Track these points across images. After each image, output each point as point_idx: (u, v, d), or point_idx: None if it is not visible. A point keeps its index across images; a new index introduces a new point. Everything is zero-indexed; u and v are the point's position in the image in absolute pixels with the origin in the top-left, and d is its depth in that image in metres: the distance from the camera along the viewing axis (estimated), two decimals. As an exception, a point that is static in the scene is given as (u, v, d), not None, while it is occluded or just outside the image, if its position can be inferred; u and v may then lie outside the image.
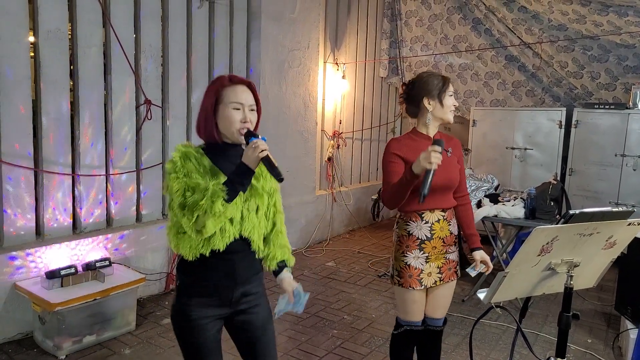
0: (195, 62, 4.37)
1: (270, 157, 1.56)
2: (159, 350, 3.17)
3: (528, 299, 1.73)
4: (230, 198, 1.53)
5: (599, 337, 3.54)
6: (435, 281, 2.22)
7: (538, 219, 3.99)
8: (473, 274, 2.30)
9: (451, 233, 2.25)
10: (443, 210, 2.21)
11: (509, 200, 4.29)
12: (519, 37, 5.96)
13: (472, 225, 2.34)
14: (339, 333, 3.51)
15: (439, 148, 1.85)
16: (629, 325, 3.20)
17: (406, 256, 2.19)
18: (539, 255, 1.49)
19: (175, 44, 4.18)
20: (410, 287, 2.18)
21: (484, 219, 4.13)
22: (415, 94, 2.17)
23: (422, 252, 2.18)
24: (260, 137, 1.60)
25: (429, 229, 2.18)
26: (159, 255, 4.09)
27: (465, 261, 2.32)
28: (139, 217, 4.09)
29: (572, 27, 5.56)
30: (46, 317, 3.04)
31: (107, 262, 3.41)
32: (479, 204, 4.27)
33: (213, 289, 1.67)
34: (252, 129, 1.65)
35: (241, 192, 1.61)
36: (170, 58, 4.16)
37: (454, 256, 2.28)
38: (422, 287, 2.19)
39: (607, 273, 1.74)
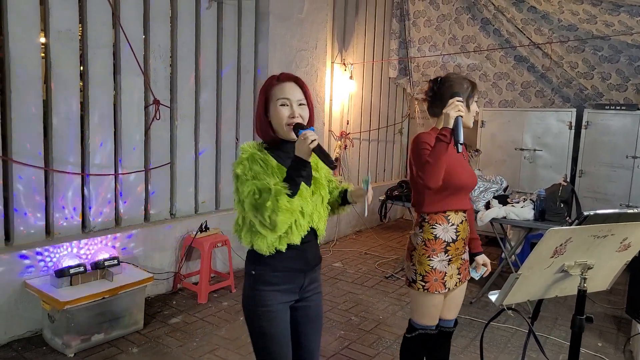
0: (203, 63, 4.38)
1: (321, 146, 1.61)
2: (167, 349, 3.17)
3: (540, 301, 1.71)
4: (293, 192, 1.59)
5: (610, 340, 3.51)
6: (456, 283, 2.20)
7: (547, 221, 3.95)
8: (477, 277, 2.32)
9: (468, 233, 2.27)
10: (464, 211, 2.21)
11: (518, 202, 4.26)
12: (529, 38, 5.91)
13: (474, 229, 2.36)
14: (346, 334, 3.50)
15: (460, 97, 1.96)
16: (640, 328, 3.17)
17: (432, 260, 2.14)
18: (552, 257, 1.47)
19: (184, 45, 4.19)
20: (436, 291, 2.15)
21: (492, 220, 4.10)
22: (443, 94, 2.13)
23: (446, 254, 2.16)
24: (309, 128, 1.65)
25: (455, 230, 2.16)
26: (166, 254, 4.10)
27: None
28: (147, 217, 4.11)
29: (583, 27, 5.51)
30: (55, 315, 3.05)
31: (115, 261, 3.42)
32: (488, 206, 4.24)
33: (287, 277, 1.74)
34: (303, 123, 1.70)
35: (307, 186, 1.70)
36: (179, 58, 4.17)
37: (466, 256, 2.28)
38: (446, 289, 2.16)
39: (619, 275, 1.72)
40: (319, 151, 1.61)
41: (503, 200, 4.28)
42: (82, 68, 3.57)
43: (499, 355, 3.23)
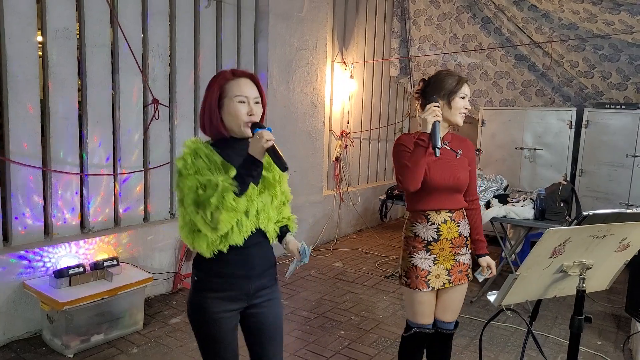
0: (202, 62, 4.37)
1: (276, 146, 1.56)
2: (167, 349, 3.17)
3: (539, 301, 1.70)
4: (241, 191, 1.54)
5: (609, 339, 3.50)
6: (444, 283, 2.19)
7: (547, 220, 3.94)
8: (481, 279, 2.30)
9: (460, 234, 2.21)
10: (450, 211, 2.18)
11: (518, 201, 4.25)
12: (529, 36, 5.90)
13: (480, 230, 2.30)
14: (346, 334, 3.49)
15: (436, 103, 2.01)
16: (640, 327, 3.16)
17: (413, 257, 2.18)
18: (551, 257, 1.46)
19: (183, 44, 4.18)
20: (416, 288, 2.16)
21: (492, 219, 4.09)
22: (428, 91, 2.16)
23: (429, 253, 2.16)
24: (266, 127, 1.60)
25: (435, 230, 2.16)
26: (166, 254, 4.09)
27: (474, 264, 2.32)
28: (146, 217, 4.10)
29: (583, 26, 5.49)
30: (54, 316, 3.05)
31: (114, 262, 3.41)
32: (488, 205, 4.23)
33: (230, 283, 1.68)
34: (257, 121, 1.66)
35: (255, 186, 1.63)
36: (178, 57, 4.16)
37: (465, 259, 2.24)
38: (429, 289, 2.16)
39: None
40: (272, 152, 1.56)
41: (503, 199, 4.27)
42: (80, 67, 3.56)
43: (499, 355, 3.22)
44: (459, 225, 2.20)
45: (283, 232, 1.84)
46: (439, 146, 1.93)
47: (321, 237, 5.82)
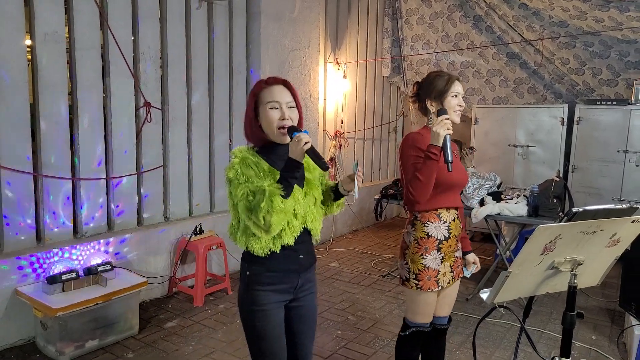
0: (194, 64, 4.36)
1: (314, 148, 1.65)
2: (163, 354, 3.15)
3: (532, 298, 1.71)
4: (286, 193, 1.63)
5: (604, 333, 3.52)
6: (449, 280, 2.21)
7: (541, 217, 3.96)
8: (468, 274, 2.36)
9: (461, 230, 2.28)
10: (456, 209, 2.22)
11: (511, 198, 4.26)
12: (520, 34, 5.92)
13: (464, 227, 2.37)
14: (343, 334, 3.49)
15: (447, 114, 2.03)
16: (634, 321, 3.17)
17: (425, 258, 2.15)
18: (542, 254, 1.46)
19: (174, 46, 4.16)
20: (429, 289, 2.16)
21: (487, 217, 4.11)
22: (421, 94, 2.20)
23: (439, 252, 2.16)
24: (302, 130, 1.68)
25: (447, 228, 2.17)
26: (161, 258, 4.07)
27: None
28: (140, 221, 4.08)
29: (573, 24, 5.52)
30: (48, 323, 3.03)
31: (108, 266, 3.39)
32: (482, 202, 4.25)
33: (281, 277, 1.78)
34: (294, 125, 1.74)
35: (299, 188, 1.72)
36: (169, 60, 4.14)
37: (459, 254, 2.29)
38: (439, 287, 2.17)
39: (611, 269, 1.71)
40: (312, 153, 1.65)
41: (497, 196, 4.29)
42: (70, 71, 3.53)
43: (495, 351, 3.23)
44: (460, 222, 2.26)
45: (334, 189, 1.94)
46: (451, 161, 1.94)
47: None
